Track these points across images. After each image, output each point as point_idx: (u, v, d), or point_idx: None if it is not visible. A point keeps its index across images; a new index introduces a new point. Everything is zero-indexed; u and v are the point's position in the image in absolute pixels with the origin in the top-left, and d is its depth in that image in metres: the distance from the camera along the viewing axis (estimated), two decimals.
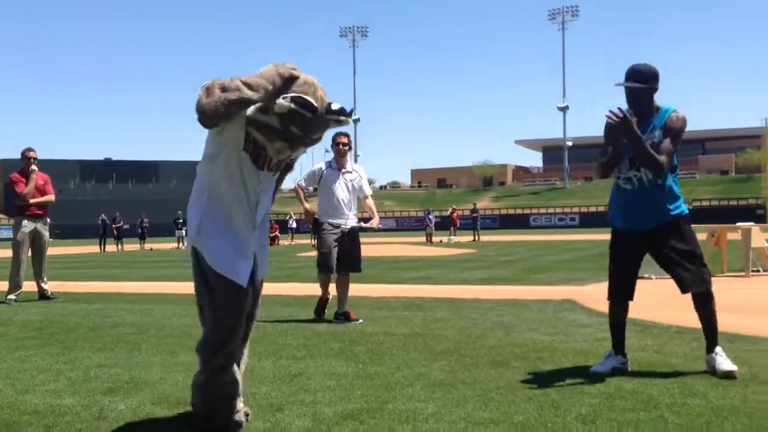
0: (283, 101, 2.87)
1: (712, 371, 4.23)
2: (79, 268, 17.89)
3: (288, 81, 2.90)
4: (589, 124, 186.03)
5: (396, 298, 8.85)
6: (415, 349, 5.30)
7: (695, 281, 4.29)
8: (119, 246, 33.59)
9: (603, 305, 7.60)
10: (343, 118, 2.95)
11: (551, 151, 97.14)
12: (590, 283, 10.50)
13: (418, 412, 3.51)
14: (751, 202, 62.69)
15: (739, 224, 12.53)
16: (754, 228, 12.02)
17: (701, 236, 12.23)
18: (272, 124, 2.94)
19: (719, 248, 12.19)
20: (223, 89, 2.81)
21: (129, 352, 5.40)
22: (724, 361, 4.23)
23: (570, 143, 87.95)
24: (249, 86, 2.82)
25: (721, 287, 9.78)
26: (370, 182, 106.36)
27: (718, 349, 4.31)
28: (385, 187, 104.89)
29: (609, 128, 4.36)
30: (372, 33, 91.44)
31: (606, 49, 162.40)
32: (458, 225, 39.27)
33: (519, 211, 70.71)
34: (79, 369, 4.72)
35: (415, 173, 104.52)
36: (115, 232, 34.39)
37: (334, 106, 2.94)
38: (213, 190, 3.11)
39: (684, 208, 4.46)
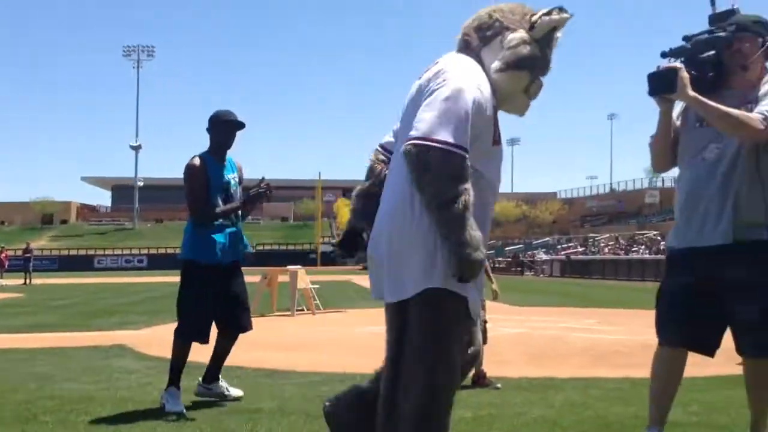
0: (549, 17, 2.32)
1: (221, 397, 4.69)
2: None
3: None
4: (161, 164, 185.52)
5: None
6: None
7: (249, 320, 4.80)
8: None
9: (156, 349, 7.52)
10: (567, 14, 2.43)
11: (121, 190, 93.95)
12: (147, 327, 10.26)
13: None
14: (306, 246, 69.58)
15: (288, 267, 13.67)
16: (300, 270, 13.25)
17: (255, 278, 13.04)
18: (538, 54, 2.35)
19: (271, 289, 13.10)
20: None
21: None
22: (230, 387, 4.76)
23: (141, 183, 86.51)
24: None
25: (270, 326, 10.49)
26: None
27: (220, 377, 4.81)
28: None
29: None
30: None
31: (181, 91, 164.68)
32: (6, 266, 35.19)
33: (82, 252, 66.46)
34: None
35: None
36: None
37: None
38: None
39: None
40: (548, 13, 2.34)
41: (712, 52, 2.94)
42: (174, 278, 5.43)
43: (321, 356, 7.22)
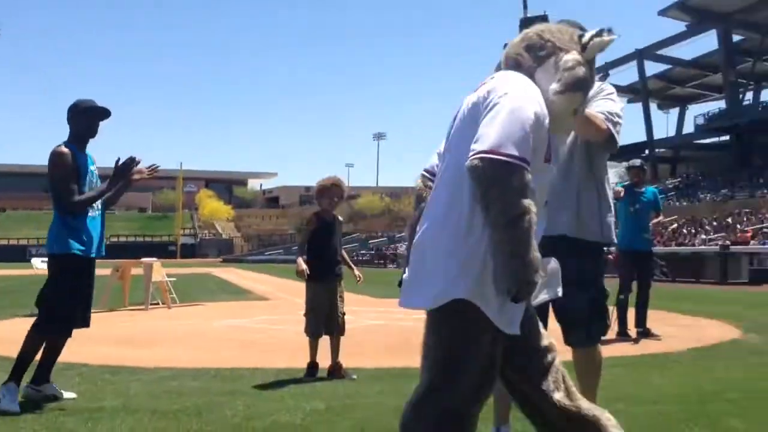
0: (600, 38, 2.32)
1: (53, 399, 4.40)
2: None
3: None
4: (5, 150, 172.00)
5: None
6: None
7: (90, 317, 4.57)
8: None
9: None
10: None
11: None
12: None
13: None
14: (165, 238, 67.13)
15: (142, 259, 13.07)
16: (156, 263, 12.70)
17: (106, 271, 12.37)
18: (589, 75, 2.36)
19: (123, 282, 12.49)
20: None
21: None
22: (62, 390, 4.51)
23: None
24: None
25: (120, 321, 10.00)
26: None
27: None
28: None
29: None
30: None
31: (29, 74, 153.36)
32: None
33: None
34: None
35: None
36: None
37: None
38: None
39: None
40: (599, 35, 2.36)
41: None
42: (16, 271, 5.06)
43: (173, 351, 6.94)
